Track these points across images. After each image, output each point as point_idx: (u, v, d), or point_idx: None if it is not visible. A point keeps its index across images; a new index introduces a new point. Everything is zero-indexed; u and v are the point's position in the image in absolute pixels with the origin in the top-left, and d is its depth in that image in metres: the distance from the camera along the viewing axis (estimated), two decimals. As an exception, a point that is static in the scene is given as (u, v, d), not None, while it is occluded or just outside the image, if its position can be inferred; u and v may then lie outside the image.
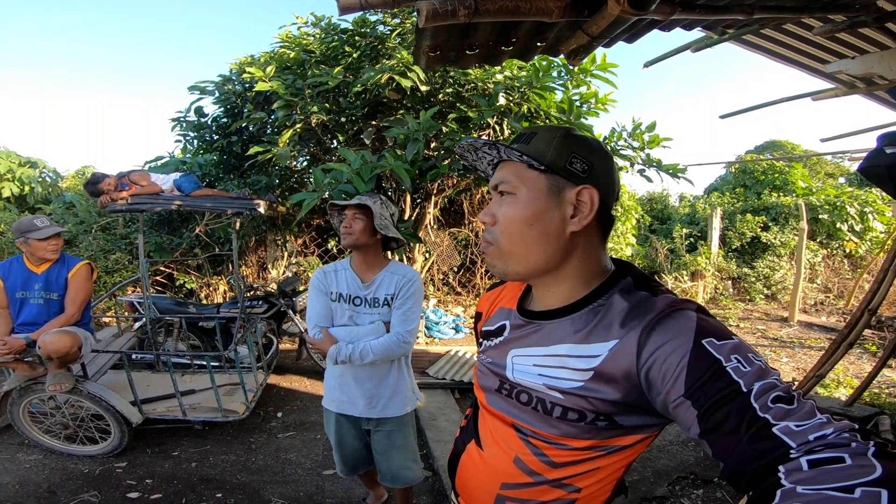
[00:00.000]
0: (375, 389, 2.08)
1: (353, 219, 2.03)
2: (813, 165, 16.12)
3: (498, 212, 0.87)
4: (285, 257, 7.14)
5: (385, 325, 2.05)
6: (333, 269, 2.12)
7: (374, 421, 2.14)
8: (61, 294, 2.98)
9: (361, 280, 2.08)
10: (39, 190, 9.55)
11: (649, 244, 9.48)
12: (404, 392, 2.16)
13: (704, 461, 3.18)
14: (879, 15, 2.01)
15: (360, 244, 2.04)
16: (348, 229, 2.02)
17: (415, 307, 2.07)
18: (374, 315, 2.06)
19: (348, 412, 2.13)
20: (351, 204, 2.04)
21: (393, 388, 2.11)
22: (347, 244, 2.03)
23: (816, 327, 7.12)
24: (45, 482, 2.88)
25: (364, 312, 2.06)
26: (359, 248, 2.06)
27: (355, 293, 2.06)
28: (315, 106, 4.06)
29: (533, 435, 0.86)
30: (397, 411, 2.13)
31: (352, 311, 2.06)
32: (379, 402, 2.09)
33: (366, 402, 2.08)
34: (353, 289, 2.07)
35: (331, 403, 2.18)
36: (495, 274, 0.91)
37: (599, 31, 1.76)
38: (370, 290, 2.06)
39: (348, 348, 1.96)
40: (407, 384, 2.19)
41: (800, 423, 0.59)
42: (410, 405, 2.19)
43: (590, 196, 0.82)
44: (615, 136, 4.27)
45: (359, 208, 2.04)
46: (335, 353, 1.96)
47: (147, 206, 3.65)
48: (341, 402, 2.13)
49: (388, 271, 2.09)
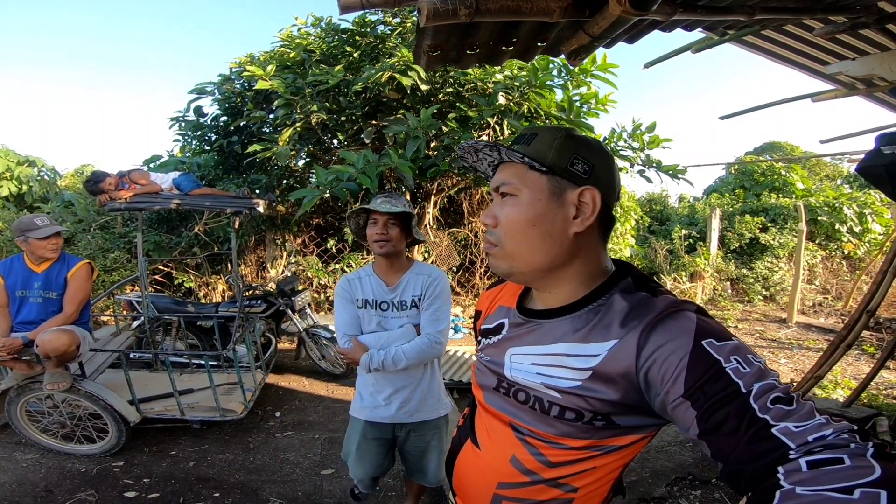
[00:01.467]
0: (410, 394, 2.02)
1: (389, 225, 1.95)
2: (812, 167, 16.16)
3: (500, 213, 0.86)
4: (284, 257, 7.13)
5: (415, 327, 2.00)
6: (357, 277, 2.06)
7: (409, 426, 2.09)
8: (60, 293, 2.97)
9: (387, 284, 2.02)
10: (37, 188, 9.53)
11: (648, 245, 9.49)
12: (437, 395, 2.11)
13: (702, 462, 3.17)
14: (880, 16, 2.01)
15: (399, 250, 1.99)
16: (384, 236, 1.94)
17: (444, 306, 2.01)
18: (403, 318, 2.01)
19: (381, 419, 2.06)
20: (395, 211, 1.94)
21: (426, 391, 2.06)
22: (384, 252, 1.95)
23: (815, 328, 7.12)
24: (42, 481, 2.88)
25: (392, 317, 2.01)
26: (391, 255, 1.99)
27: (381, 298, 2.01)
28: (315, 105, 4.06)
29: (530, 434, 0.86)
30: (431, 415, 2.08)
31: (380, 316, 2.00)
32: (412, 406, 2.04)
33: (399, 407, 2.02)
34: (378, 294, 2.01)
35: (361, 412, 2.09)
36: (500, 275, 0.91)
37: (600, 32, 1.76)
38: (396, 293, 2.01)
39: (380, 355, 1.90)
40: (440, 387, 2.14)
41: (799, 423, 0.59)
42: (444, 408, 2.14)
43: (592, 197, 0.82)
44: (615, 137, 4.28)
45: (395, 215, 1.96)
46: (367, 361, 1.90)
47: (146, 205, 3.65)
48: (373, 409, 2.05)
49: (412, 272, 2.04)
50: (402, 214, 1.98)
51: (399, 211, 1.95)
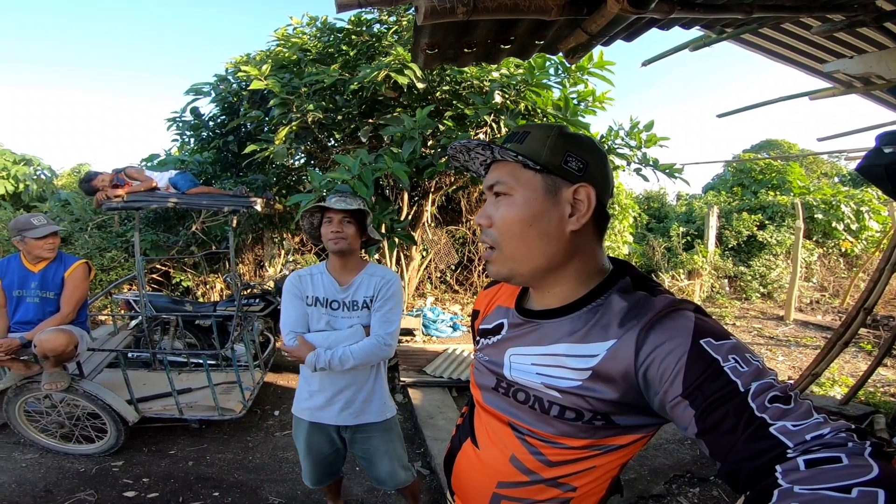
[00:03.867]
0: (353, 396, 2.00)
1: (344, 223, 1.95)
2: (809, 165, 16.18)
3: (495, 213, 0.86)
4: (282, 255, 7.13)
5: (364, 328, 1.98)
6: (309, 273, 2.03)
7: (353, 428, 2.07)
8: (57, 293, 2.97)
9: (339, 283, 2.00)
10: (34, 188, 9.49)
11: (646, 243, 9.50)
12: (382, 397, 2.08)
13: (701, 460, 3.19)
14: (878, 14, 2.01)
15: (353, 249, 1.99)
16: (340, 234, 1.93)
17: (395, 308, 1.99)
18: (353, 318, 1.99)
19: (323, 420, 2.03)
20: (350, 209, 1.94)
21: (369, 393, 2.03)
22: (339, 249, 1.95)
23: (812, 326, 7.15)
24: (41, 481, 2.87)
25: (342, 317, 1.99)
26: (346, 253, 1.99)
27: (333, 297, 1.99)
28: (311, 104, 4.05)
29: (529, 433, 0.86)
30: (375, 417, 2.05)
31: (329, 315, 1.98)
32: (355, 408, 2.01)
33: (342, 409, 2.00)
34: (330, 293, 1.99)
35: (303, 412, 2.07)
36: (499, 279, 0.90)
37: (598, 30, 1.76)
38: (348, 293, 1.99)
39: (327, 354, 1.87)
40: (384, 389, 2.11)
41: (797, 422, 0.60)
42: (389, 411, 2.11)
43: (587, 194, 0.81)
44: (612, 135, 4.27)
45: (351, 213, 1.96)
46: (313, 359, 1.87)
47: (143, 204, 3.63)
48: (315, 410, 2.03)
49: (366, 273, 2.02)
50: (358, 212, 1.97)
51: (354, 208, 1.94)
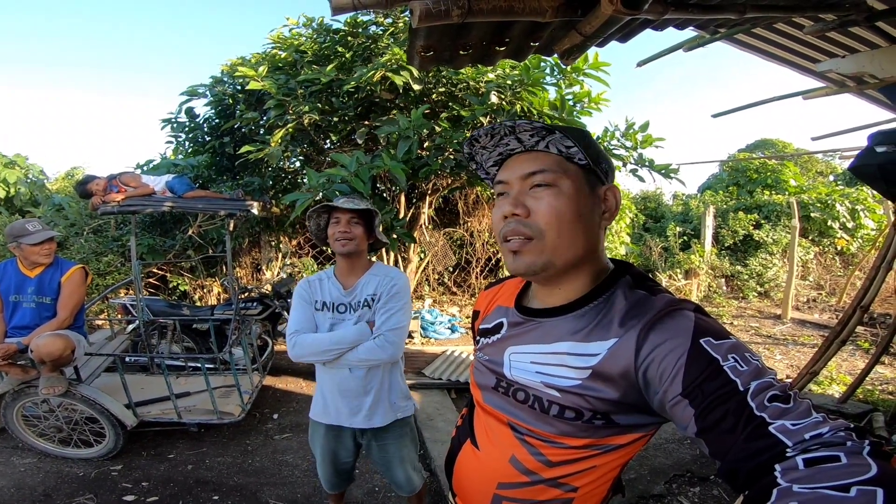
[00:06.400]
0: (364, 398, 1.97)
1: (352, 223, 1.92)
2: (804, 164, 16.24)
3: (535, 204, 0.81)
4: (279, 258, 7.11)
5: (370, 324, 1.95)
6: (318, 279, 2.03)
7: (369, 433, 2.04)
8: (54, 298, 2.96)
9: (344, 287, 1.99)
10: (24, 191, 9.35)
11: (643, 243, 9.52)
12: (395, 400, 2.05)
13: (701, 459, 3.19)
14: (870, 14, 2.03)
15: (361, 251, 1.97)
16: (348, 235, 1.90)
17: (398, 304, 1.94)
18: (357, 318, 1.97)
19: (340, 423, 2.01)
20: (358, 209, 1.91)
21: (377, 395, 1.98)
22: (347, 251, 1.92)
23: (809, 324, 7.17)
24: (40, 486, 2.86)
25: (348, 319, 1.96)
26: (353, 255, 1.97)
27: (339, 301, 1.98)
28: (307, 105, 4.05)
29: (529, 433, 0.86)
30: (387, 420, 2.01)
31: (335, 319, 1.97)
32: (366, 411, 1.97)
33: (354, 411, 1.97)
34: (336, 297, 1.98)
35: (320, 415, 2.06)
36: (528, 272, 0.84)
37: (593, 31, 1.77)
38: (353, 295, 1.98)
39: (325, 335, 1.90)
40: (400, 391, 2.08)
41: (796, 421, 0.60)
42: (402, 412, 2.06)
43: (614, 195, 0.86)
44: (608, 136, 4.28)
45: (359, 213, 1.94)
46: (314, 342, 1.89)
47: (139, 208, 3.63)
48: (330, 413, 2.02)
49: (371, 274, 2.00)
50: (365, 212, 1.96)
51: (362, 208, 1.93)
